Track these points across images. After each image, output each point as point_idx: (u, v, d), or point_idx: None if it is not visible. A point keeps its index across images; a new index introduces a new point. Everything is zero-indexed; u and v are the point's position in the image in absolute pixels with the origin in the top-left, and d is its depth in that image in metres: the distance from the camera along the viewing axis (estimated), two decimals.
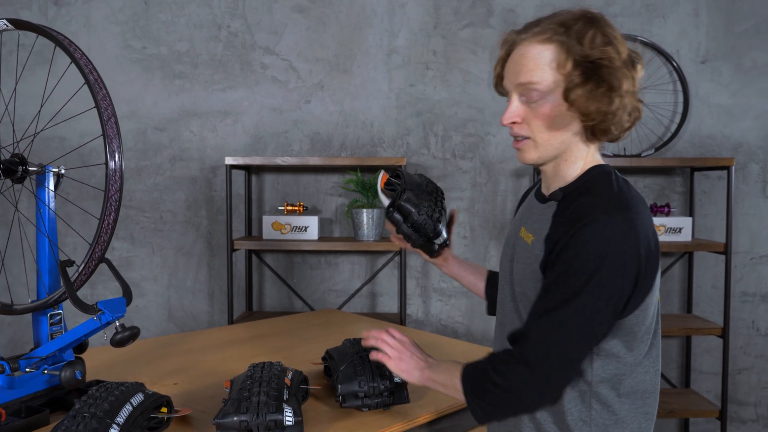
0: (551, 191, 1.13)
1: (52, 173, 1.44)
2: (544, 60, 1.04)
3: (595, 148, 1.12)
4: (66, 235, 2.92)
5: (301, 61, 3.00)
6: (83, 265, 1.34)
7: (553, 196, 1.11)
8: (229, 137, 3.01)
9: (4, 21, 1.37)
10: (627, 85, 1.03)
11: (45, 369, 1.38)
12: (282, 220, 2.79)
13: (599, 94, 1.02)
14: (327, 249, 2.77)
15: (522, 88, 1.06)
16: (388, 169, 1.41)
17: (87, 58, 1.32)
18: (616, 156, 2.82)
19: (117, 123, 1.32)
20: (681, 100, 2.92)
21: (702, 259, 2.97)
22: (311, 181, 3.03)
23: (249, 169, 2.98)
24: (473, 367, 1.09)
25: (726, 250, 2.67)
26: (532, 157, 1.10)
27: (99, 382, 1.47)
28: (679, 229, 2.73)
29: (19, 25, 1.36)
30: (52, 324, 1.44)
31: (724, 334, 2.70)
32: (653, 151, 2.89)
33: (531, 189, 1.31)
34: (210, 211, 3.03)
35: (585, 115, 1.04)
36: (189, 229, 3.03)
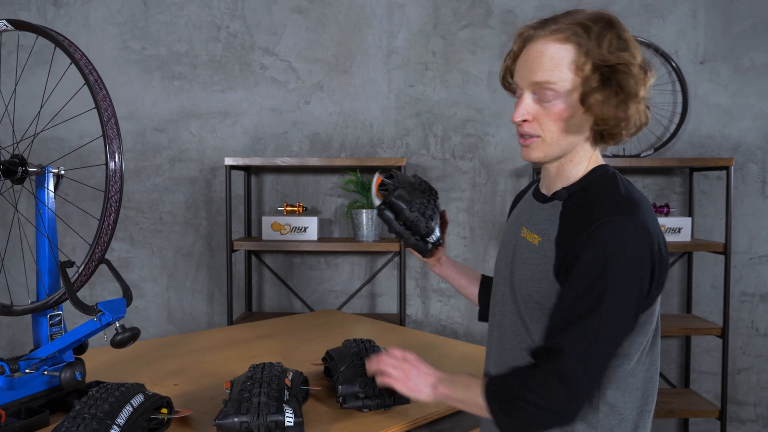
0: (553, 191, 1.12)
1: (51, 174, 1.44)
2: (562, 60, 1.02)
3: (598, 149, 1.12)
4: (65, 235, 2.92)
5: (301, 61, 3.00)
6: (83, 265, 1.34)
7: (557, 195, 1.10)
8: (228, 138, 3.01)
9: (4, 21, 1.36)
10: (642, 92, 1.03)
11: (45, 370, 1.38)
12: (281, 220, 2.79)
13: (618, 100, 1.01)
14: (326, 250, 2.78)
15: (537, 87, 1.04)
16: (384, 171, 1.40)
17: (87, 58, 1.32)
18: (615, 156, 2.82)
19: (117, 124, 1.32)
20: (680, 101, 2.93)
21: (701, 259, 2.97)
22: (311, 182, 3.03)
23: (248, 169, 2.98)
24: (498, 383, 1.03)
25: (725, 250, 2.68)
26: (538, 155, 1.08)
27: (99, 383, 1.47)
28: (679, 229, 2.74)
29: (18, 25, 1.36)
30: (51, 325, 1.44)
31: (723, 334, 2.71)
32: (652, 151, 2.89)
33: (525, 190, 1.30)
34: (209, 212, 3.03)
35: (602, 120, 1.02)
36: (188, 230, 3.03)
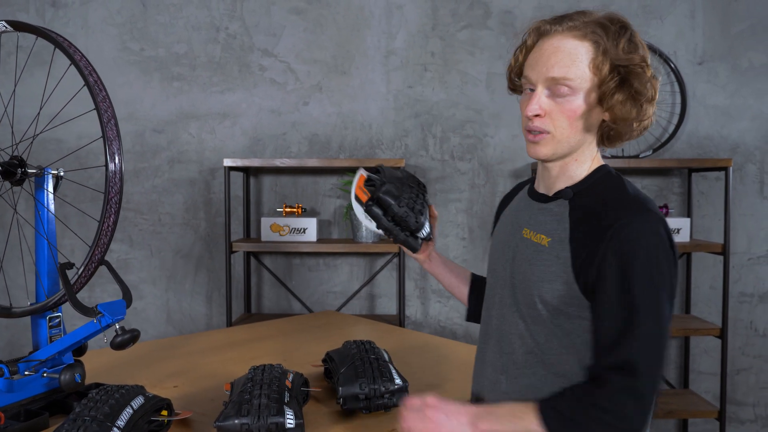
0: (555, 190, 1.10)
1: (51, 175, 1.43)
2: (580, 57, 1.02)
3: (599, 149, 1.12)
4: (63, 237, 2.91)
5: (299, 62, 2.99)
6: (83, 267, 1.33)
7: (562, 194, 1.09)
8: (227, 139, 3.01)
9: (3, 23, 1.36)
10: (656, 94, 1.04)
11: (44, 372, 1.37)
12: (280, 221, 2.79)
13: (635, 101, 1.02)
14: (325, 251, 2.77)
15: (552, 82, 1.03)
16: (368, 168, 1.35)
17: (87, 59, 1.32)
18: (614, 157, 2.82)
19: (117, 125, 1.32)
20: (678, 101, 2.93)
21: (700, 260, 2.97)
22: (310, 183, 3.03)
23: (247, 170, 2.98)
24: (558, 407, 0.96)
25: (724, 251, 2.68)
26: (546, 152, 1.07)
27: (99, 385, 1.46)
28: (677, 230, 2.74)
29: (18, 26, 1.35)
30: (51, 327, 1.44)
31: (722, 335, 2.71)
32: (651, 152, 2.89)
33: (512, 193, 1.28)
34: (208, 213, 3.02)
35: (621, 119, 1.02)
36: (187, 231, 3.03)
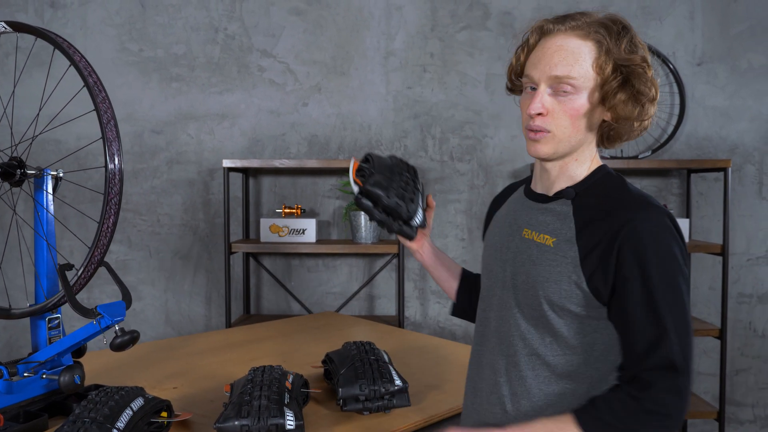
0: (554, 190, 1.10)
1: (50, 176, 1.43)
2: (583, 56, 1.03)
3: (598, 150, 1.12)
4: (62, 238, 2.91)
5: (299, 63, 2.99)
6: (83, 268, 1.33)
7: (563, 194, 1.08)
8: (226, 140, 3.00)
9: (3, 23, 1.36)
10: (657, 94, 1.05)
11: (44, 373, 1.37)
12: (280, 222, 2.79)
13: (638, 102, 1.02)
14: (325, 251, 2.77)
15: (555, 81, 1.03)
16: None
17: (86, 60, 1.32)
18: (613, 158, 2.83)
19: (116, 126, 1.31)
20: (677, 102, 2.94)
21: (699, 261, 2.98)
22: (309, 184, 3.03)
23: (246, 171, 2.98)
24: (600, 417, 0.97)
25: (723, 252, 2.68)
26: (547, 150, 1.06)
27: (98, 386, 1.46)
28: None
29: (17, 27, 1.35)
30: (50, 328, 1.44)
31: (721, 335, 2.71)
32: (650, 152, 2.90)
33: (506, 194, 1.28)
34: (207, 214, 3.02)
35: (623, 118, 1.03)
36: (186, 232, 3.02)
